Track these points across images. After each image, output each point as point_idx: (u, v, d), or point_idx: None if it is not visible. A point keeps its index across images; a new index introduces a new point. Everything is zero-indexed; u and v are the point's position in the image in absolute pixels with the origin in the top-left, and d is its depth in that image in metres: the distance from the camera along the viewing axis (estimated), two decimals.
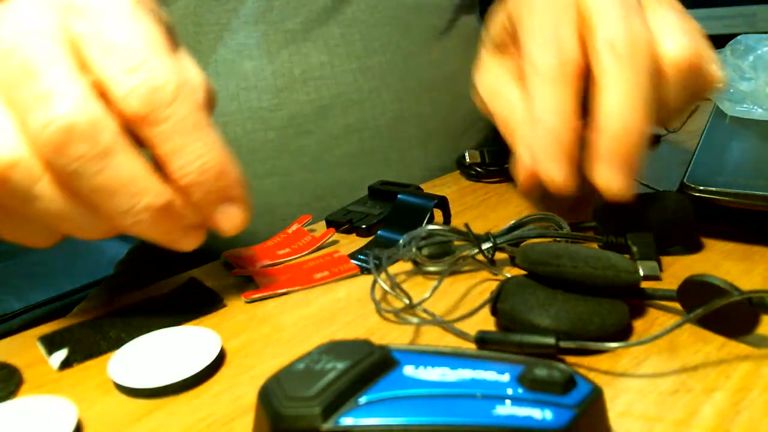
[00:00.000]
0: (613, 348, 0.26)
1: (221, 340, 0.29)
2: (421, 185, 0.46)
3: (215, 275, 0.37)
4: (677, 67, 0.32)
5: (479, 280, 0.33)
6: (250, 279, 0.36)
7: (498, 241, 0.33)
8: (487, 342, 0.26)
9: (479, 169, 0.48)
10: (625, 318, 0.27)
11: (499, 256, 0.35)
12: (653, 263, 0.32)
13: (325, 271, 0.35)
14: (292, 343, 0.29)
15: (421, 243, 0.34)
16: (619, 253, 0.29)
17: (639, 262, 0.31)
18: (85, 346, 0.30)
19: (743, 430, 0.21)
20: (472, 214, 0.42)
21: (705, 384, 0.24)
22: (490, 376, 0.20)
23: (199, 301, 0.33)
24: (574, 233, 0.34)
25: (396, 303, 0.31)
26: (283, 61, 0.53)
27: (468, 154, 0.49)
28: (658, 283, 0.31)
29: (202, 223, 0.29)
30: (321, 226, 0.43)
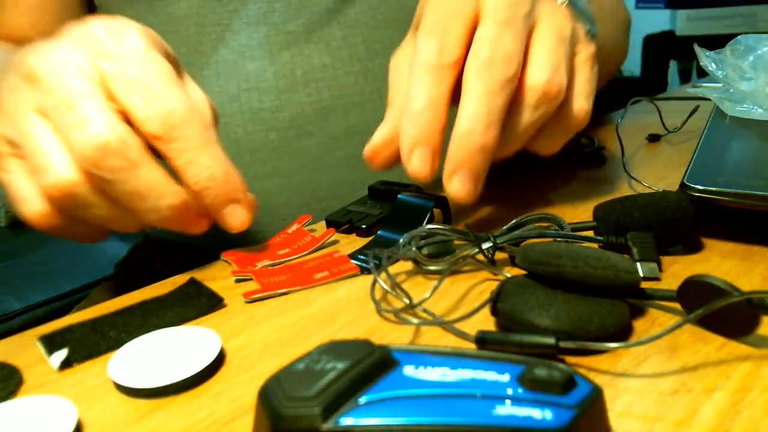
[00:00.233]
0: (613, 348, 0.26)
1: (221, 340, 0.29)
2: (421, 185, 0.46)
3: (215, 275, 0.37)
4: (533, 91, 0.35)
5: (479, 280, 0.33)
6: (250, 279, 0.36)
7: (498, 241, 0.33)
8: (487, 342, 0.26)
9: None
10: (625, 318, 0.27)
11: (499, 256, 0.35)
12: (653, 264, 0.32)
13: (325, 271, 0.35)
14: (292, 343, 0.30)
15: (421, 242, 0.34)
16: (619, 253, 0.29)
17: (639, 263, 0.31)
18: (85, 346, 0.30)
19: (743, 430, 0.21)
20: (472, 214, 0.42)
21: (705, 384, 0.24)
22: (490, 376, 0.20)
23: (199, 301, 0.33)
24: (574, 233, 0.34)
25: (396, 303, 0.31)
26: (284, 62, 0.53)
27: None
28: (658, 284, 0.31)
29: (209, 213, 0.36)
30: (321, 226, 0.43)
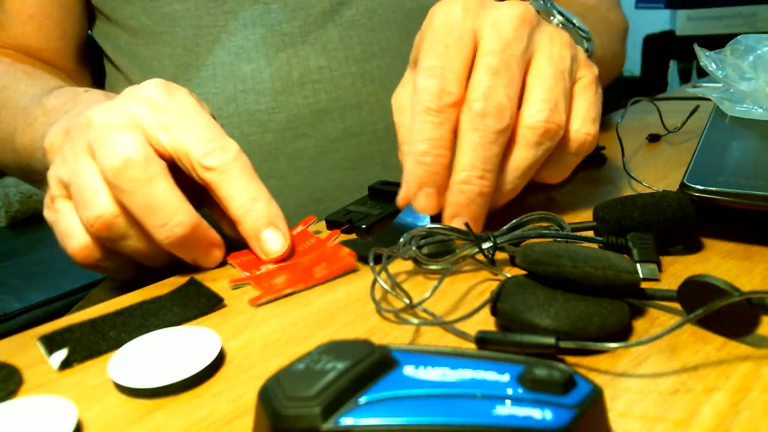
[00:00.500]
0: (613, 348, 0.26)
1: (221, 340, 0.29)
2: None
3: (215, 275, 0.37)
4: (532, 131, 0.35)
5: (479, 280, 0.33)
6: (248, 285, 0.36)
7: (498, 241, 0.33)
8: (487, 342, 0.26)
9: None
10: (625, 318, 0.27)
11: (499, 256, 0.35)
12: (653, 266, 0.32)
13: (322, 263, 0.35)
14: (292, 343, 0.30)
15: (421, 242, 0.34)
16: (619, 253, 0.29)
17: (639, 264, 0.31)
18: (85, 346, 0.30)
19: (743, 430, 0.21)
20: None
21: (705, 384, 0.24)
22: (490, 376, 0.20)
23: (199, 302, 0.33)
24: (574, 233, 0.34)
25: (396, 303, 0.31)
26: (281, 64, 0.53)
27: None
28: (658, 284, 0.31)
29: (220, 243, 0.38)
30: (320, 226, 0.43)
